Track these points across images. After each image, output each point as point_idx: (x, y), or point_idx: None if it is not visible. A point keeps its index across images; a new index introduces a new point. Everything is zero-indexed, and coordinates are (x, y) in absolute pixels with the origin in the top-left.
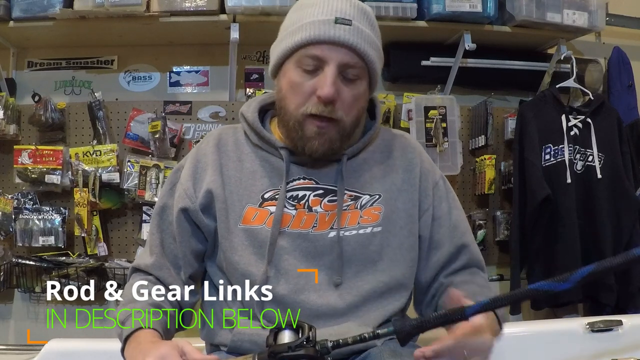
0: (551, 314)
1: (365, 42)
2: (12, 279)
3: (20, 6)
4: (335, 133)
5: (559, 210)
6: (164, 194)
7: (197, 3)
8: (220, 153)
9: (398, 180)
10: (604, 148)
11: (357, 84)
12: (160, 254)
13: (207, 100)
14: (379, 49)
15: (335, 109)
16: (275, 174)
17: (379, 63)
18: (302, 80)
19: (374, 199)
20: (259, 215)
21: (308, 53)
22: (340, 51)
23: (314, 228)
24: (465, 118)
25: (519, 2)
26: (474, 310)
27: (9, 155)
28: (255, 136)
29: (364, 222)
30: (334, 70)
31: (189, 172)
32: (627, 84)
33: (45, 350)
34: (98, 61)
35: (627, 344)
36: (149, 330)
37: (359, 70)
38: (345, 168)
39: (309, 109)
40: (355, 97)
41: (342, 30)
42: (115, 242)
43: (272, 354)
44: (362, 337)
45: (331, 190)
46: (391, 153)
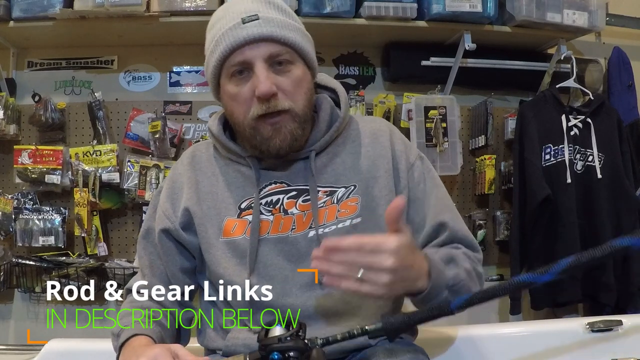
0: (551, 314)
1: (280, 27)
2: (12, 279)
3: (20, 6)
4: (290, 122)
5: (559, 210)
6: (147, 217)
7: (197, 3)
8: (195, 170)
9: (371, 167)
10: (604, 148)
11: (291, 70)
12: (151, 276)
13: (207, 100)
14: (298, 29)
15: (279, 101)
16: (248, 183)
17: (306, 42)
18: (239, 89)
19: (349, 191)
20: (238, 225)
21: (233, 62)
22: (259, 47)
23: (292, 230)
24: (465, 118)
25: (519, 2)
26: (458, 303)
27: (9, 155)
28: (223, 149)
29: (342, 216)
30: (262, 65)
31: (166, 193)
32: (627, 84)
33: (45, 350)
34: (98, 61)
35: (627, 344)
36: (143, 336)
37: (287, 56)
38: (314, 165)
39: (255, 111)
40: (295, 82)
41: (252, 27)
42: (115, 242)
43: (262, 347)
44: (351, 333)
45: (304, 190)
46: (361, 141)
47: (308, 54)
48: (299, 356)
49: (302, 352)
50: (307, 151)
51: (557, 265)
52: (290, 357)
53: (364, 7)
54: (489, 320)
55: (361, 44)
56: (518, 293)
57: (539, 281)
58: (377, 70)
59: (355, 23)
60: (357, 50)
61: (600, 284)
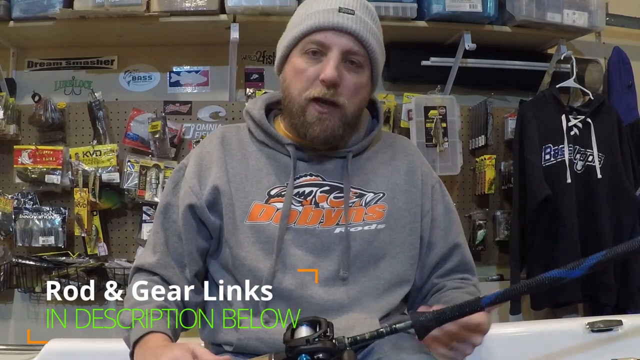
0: (551, 314)
1: (368, 32)
2: (12, 279)
3: (20, 6)
4: (337, 120)
5: (559, 210)
6: (167, 192)
7: (197, 3)
8: (225, 150)
9: (401, 180)
10: (604, 148)
11: (359, 73)
12: (165, 253)
13: (207, 100)
14: (380, 42)
15: (337, 93)
16: (281, 171)
17: (381, 56)
18: (307, 66)
19: (378, 197)
20: (266, 211)
21: (312, 39)
22: (343, 38)
23: (320, 224)
24: (465, 118)
25: (519, 2)
26: (489, 300)
27: (9, 155)
28: (262, 133)
29: (369, 219)
30: (337, 55)
31: (194, 169)
32: (627, 84)
33: (45, 350)
34: (98, 61)
35: (627, 344)
36: (159, 334)
37: (361, 59)
38: (350, 165)
39: (312, 92)
40: (358, 85)
41: (345, 19)
42: (115, 242)
43: (289, 348)
44: (380, 332)
45: (337, 187)
46: (394, 154)
47: (378, 66)
48: (328, 358)
49: (331, 354)
50: (345, 151)
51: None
52: (319, 359)
53: None
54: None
55: None
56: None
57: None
58: None
59: None
60: None
61: (600, 284)
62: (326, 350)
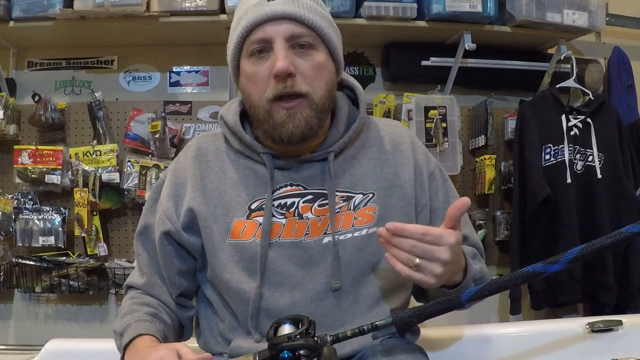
0: (551, 314)
1: (306, 10)
2: (12, 279)
3: (20, 6)
4: (307, 110)
5: (559, 210)
6: (145, 212)
7: (197, 3)
8: (200, 165)
9: (391, 176)
10: (604, 148)
11: (313, 54)
12: (150, 273)
13: (207, 100)
14: (324, 16)
15: (296, 82)
16: (260, 183)
17: (332, 31)
18: (256, 68)
19: (367, 198)
20: (248, 227)
21: (253, 39)
22: (281, 25)
23: (306, 236)
24: (465, 118)
25: (519, 2)
26: (469, 295)
27: (9, 155)
28: (237, 141)
29: (359, 224)
30: (282, 44)
31: (168, 190)
32: (627, 84)
33: (45, 350)
34: (98, 61)
35: (627, 344)
36: (147, 336)
37: (310, 39)
38: (333, 167)
39: (271, 92)
40: (315, 67)
41: (276, 4)
42: (115, 242)
43: (271, 345)
44: (361, 329)
45: (321, 194)
46: (382, 147)
47: (333, 42)
48: (309, 354)
49: (312, 350)
50: (324, 152)
51: (566, 255)
52: (300, 355)
53: (364, 7)
54: (489, 320)
55: (361, 44)
56: (519, 291)
57: (549, 271)
58: (377, 70)
59: (355, 23)
60: (357, 50)
61: (600, 284)
62: (307, 346)
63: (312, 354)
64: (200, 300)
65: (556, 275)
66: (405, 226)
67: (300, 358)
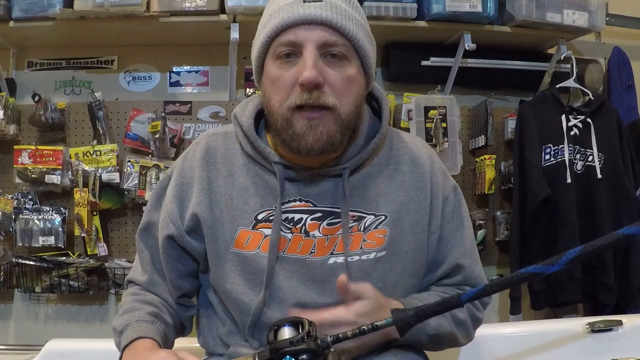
0: (551, 314)
1: (344, 17)
2: (12, 279)
3: (20, 6)
4: (331, 124)
5: (559, 210)
6: (149, 208)
7: (197, 3)
8: (209, 166)
9: (407, 199)
10: (604, 148)
11: (344, 65)
12: (152, 271)
13: (207, 100)
14: (364, 27)
15: (323, 94)
16: (268, 193)
17: (368, 42)
18: (282, 72)
19: (379, 220)
20: (252, 238)
21: (282, 41)
22: (315, 30)
23: (311, 254)
24: (465, 118)
25: (519, 2)
26: (468, 296)
27: (9, 155)
28: (249, 145)
29: (367, 247)
30: (313, 51)
31: (174, 190)
32: (627, 84)
33: (45, 350)
34: (98, 61)
35: (627, 344)
36: (147, 339)
37: (343, 49)
38: (347, 185)
39: (294, 100)
40: (346, 80)
41: (312, 7)
42: (115, 242)
43: (273, 350)
44: (362, 330)
45: (330, 213)
46: (399, 166)
47: (367, 55)
48: (312, 358)
49: (316, 355)
50: (340, 168)
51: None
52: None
53: (364, 7)
54: (489, 320)
55: None
56: (519, 291)
57: (548, 272)
58: (377, 70)
59: None
60: None
61: (600, 284)
62: (310, 351)
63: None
64: (201, 300)
65: (555, 275)
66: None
67: None
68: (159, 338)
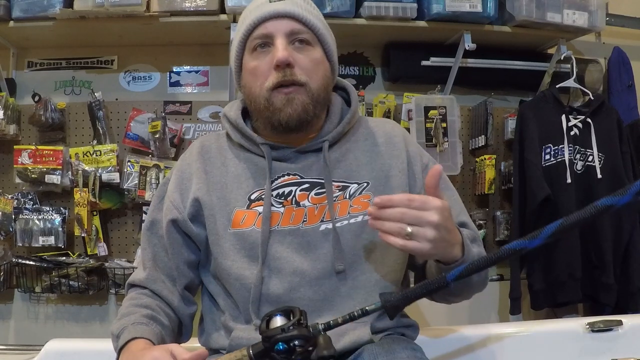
0: (551, 314)
1: (304, 11)
2: (12, 279)
3: (20, 6)
4: (304, 97)
5: (559, 210)
6: (152, 208)
7: (197, 3)
8: (204, 160)
9: (385, 166)
10: (604, 148)
11: (310, 50)
12: (153, 268)
13: (207, 100)
14: (322, 21)
15: (295, 73)
16: (259, 174)
17: (328, 34)
18: (259, 62)
19: (362, 187)
20: (248, 217)
21: (256, 35)
22: (282, 22)
23: (304, 223)
24: (465, 118)
25: (519, 2)
26: (454, 275)
27: (9, 155)
28: (238, 134)
29: (354, 212)
30: (283, 38)
31: (175, 184)
32: (627, 84)
33: (45, 350)
34: (98, 61)
35: (627, 344)
36: (142, 339)
37: (308, 36)
38: (329, 157)
39: (271, 81)
40: (313, 62)
41: (277, 4)
42: (115, 242)
43: (265, 338)
44: (352, 315)
45: (317, 183)
46: (375, 140)
47: (328, 43)
48: (304, 344)
49: (307, 340)
50: (320, 142)
51: (545, 230)
52: (295, 346)
53: (364, 7)
54: (489, 320)
55: (361, 44)
56: (519, 291)
57: (530, 246)
58: (377, 70)
59: (355, 23)
60: (357, 50)
61: (600, 284)
62: (302, 337)
63: (307, 344)
64: (203, 298)
65: (555, 275)
66: (392, 196)
67: (295, 349)
68: (154, 338)
